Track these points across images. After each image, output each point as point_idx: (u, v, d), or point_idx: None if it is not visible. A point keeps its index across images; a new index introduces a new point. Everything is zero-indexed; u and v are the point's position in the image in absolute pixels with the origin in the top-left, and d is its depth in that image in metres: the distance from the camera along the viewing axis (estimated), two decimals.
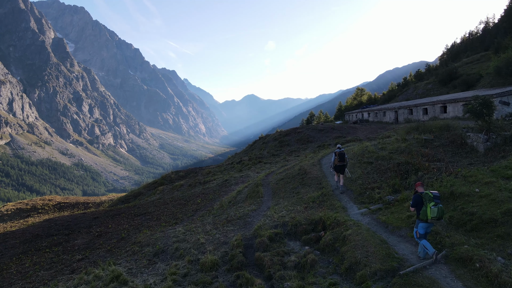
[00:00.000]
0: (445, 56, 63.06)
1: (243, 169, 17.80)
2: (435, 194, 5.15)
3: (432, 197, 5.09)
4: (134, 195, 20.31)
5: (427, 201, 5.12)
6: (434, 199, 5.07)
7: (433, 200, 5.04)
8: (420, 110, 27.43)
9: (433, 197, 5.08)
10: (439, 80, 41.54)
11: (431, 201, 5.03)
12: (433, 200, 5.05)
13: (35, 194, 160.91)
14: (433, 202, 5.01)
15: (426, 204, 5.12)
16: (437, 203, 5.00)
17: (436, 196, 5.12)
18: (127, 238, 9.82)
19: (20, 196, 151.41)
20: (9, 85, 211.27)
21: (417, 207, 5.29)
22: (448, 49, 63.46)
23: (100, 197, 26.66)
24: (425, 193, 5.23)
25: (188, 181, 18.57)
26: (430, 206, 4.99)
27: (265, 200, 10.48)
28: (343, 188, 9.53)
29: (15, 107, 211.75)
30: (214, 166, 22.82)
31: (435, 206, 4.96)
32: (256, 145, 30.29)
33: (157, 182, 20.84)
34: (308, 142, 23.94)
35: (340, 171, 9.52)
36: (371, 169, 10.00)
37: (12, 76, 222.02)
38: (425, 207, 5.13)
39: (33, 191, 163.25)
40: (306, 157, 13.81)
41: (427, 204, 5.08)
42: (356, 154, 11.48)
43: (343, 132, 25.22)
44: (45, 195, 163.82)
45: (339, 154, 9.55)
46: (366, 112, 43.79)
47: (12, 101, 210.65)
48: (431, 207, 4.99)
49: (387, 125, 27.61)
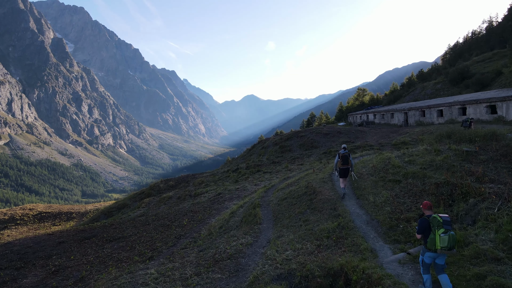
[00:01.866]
0: (447, 56, 62.61)
1: (239, 180, 15.63)
2: (445, 218, 4.36)
3: (442, 222, 4.31)
4: (118, 207, 18.20)
5: (435, 227, 4.34)
6: (444, 225, 4.29)
7: (442, 227, 4.28)
8: (434, 112, 25.17)
9: (442, 223, 4.30)
10: (450, 79, 39.56)
11: (440, 228, 4.29)
12: (443, 226, 4.29)
13: (34, 194, 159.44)
14: (443, 229, 4.27)
15: (434, 230, 4.35)
16: (447, 230, 4.25)
17: (447, 222, 4.32)
18: (87, 278, 7.65)
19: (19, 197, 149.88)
20: (8, 85, 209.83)
21: (424, 234, 4.54)
22: (451, 49, 62.83)
23: (85, 206, 24.54)
24: (433, 217, 4.42)
25: (178, 193, 16.46)
26: (439, 233, 4.27)
27: (264, 228, 8.29)
28: (345, 190, 8.72)
29: (14, 107, 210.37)
30: (208, 173, 20.62)
31: (445, 233, 4.24)
32: (255, 150, 28.11)
33: (144, 193, 18.73)
34: (312, 147, 21.81)
35: (344, 175, 8.75)
36: (400, 191, 7.80)
37: (11, 76, 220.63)
38: (433, 234, 4.36)
39: (32, 192, 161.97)
40: (314, 171, 11.55)
41: (435, 231, 4.33)
42: (376, 168, 9.26)
43: (350, 136, 22.99)
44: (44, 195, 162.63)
45: (342, 156, 8.79)
46: (371, 113, 41.58)
47: (11, 101, 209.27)
48: (440, 234, 4.26)
49: (398, 129, 25.36)
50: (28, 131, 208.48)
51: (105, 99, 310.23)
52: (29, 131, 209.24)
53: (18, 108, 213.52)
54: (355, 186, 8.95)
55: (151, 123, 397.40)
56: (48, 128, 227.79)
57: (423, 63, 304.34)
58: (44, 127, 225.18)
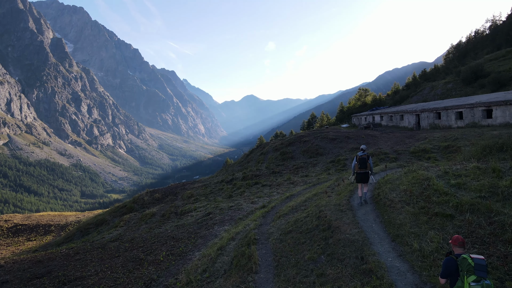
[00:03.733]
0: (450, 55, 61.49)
1: (233, 194, 13.44)
2: (478, 261, 2.91)
3: (474, 266, 2.88)
4: (96, 223, 16.04)
5: (464, 272, 2.95)
6: (476, 270, 2.86)
7: (474, 272, 2.87)
8: (452, 114, 22.69)
9: (474, 267, 2.88)
10: (462, 78, 37.33)
11: (470, 274, 2.89)
12: (475, 272, 2.86)
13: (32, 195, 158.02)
14: (474, 276, 2.86)
15: (463, 276, 2.95)
16: (481, 278, 2.84)
17: (481, 266, 2.87)
18: None
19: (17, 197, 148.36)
20: (7, 85, 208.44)
21: (451, 279, 3.16)
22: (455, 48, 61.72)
23: (67, 218, 22.31)
24: (463, 258, 3.03)
25: (163, 208, 14.29)
26: (469, 281, 2.87)
27: (262, 281, 5.95)
28: (366, 197, 7.69)
29: (13, 107, 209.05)
30: (199, 184, 18.27)
31: (478, 282, 2.83)
32: (253, 155, 25.85)
33: (126, 207, 16.60)
34: (318, 154, 19.55)
35: (362, 180, 7.74)
36: (455, 231, 5.46)
37: (10, 76, 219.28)
38: (461, 281, 2.96)
39: (30, 192, 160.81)
40: (326, 193, 9.16)
41: (464, 278, 2.93)
42: (412, 194, 6.90)
43: (360, 142, 20.73)
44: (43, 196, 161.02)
45: (360, 159, 7.78)
46: (377, 115, 38.99)
47: (10, 101, 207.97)
48: (470, 283, 2.85)
49: (412, 133, 22.73)
50: (27, 131, 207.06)
51: (104, 99, 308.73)
52: (28, 131, 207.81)
53: (17, 108, 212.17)
54: (386, 219, 6.58)
55: (150, 123, 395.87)
56: (47, 128, 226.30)
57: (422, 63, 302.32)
58: (43, 127, 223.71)
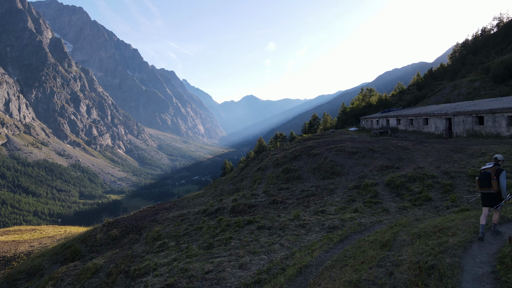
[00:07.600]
0: (457, 54, 57.61)
1: (215, 243, 9.11)
2: None
3: None
4: (29, 272, 13.38)
5: None
6: None
7: None
8: (503, 120, 18.28)
9: None
10: (494, 76, 33.25)
11: None
12: None
13: (31, 196, 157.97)
14: None
15: None
16: None
17: None
18: None
19: (15, 198, 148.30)
20: (6, 86, 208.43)
21: None
22: (461, 46, 57.56)
23: (17, 246, 18.29)
24: None
25: (115, 259, 10.84)
26: None
27: None
28: (497, 228, 5.61)
29: (12, 107, 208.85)
30: (176, 212, 14.91)
31: None
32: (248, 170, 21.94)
33: (71, 248, 13.66)
34: (334, 174, 14.85)
35: (486, 203, 5.61)
36: None
37: (9, 76, 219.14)
38: None
39: (29, 193, 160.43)
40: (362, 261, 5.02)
41: None
42: None
43: (390, 157, 16.01)
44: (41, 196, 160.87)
45: (481, 174, 5.65)
46: (393, 117, 34.81)
47: (9, 101, 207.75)
48: None
49: (457, 144, 17.75)
50: (25, 132, 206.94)
51: (103, 99, 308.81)
52: (27, 132, 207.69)
53: (16, 109, 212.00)
54: None
55: (150, 123, 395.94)
56: (46, 129, 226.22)
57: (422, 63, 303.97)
58: (42, 127, 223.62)
